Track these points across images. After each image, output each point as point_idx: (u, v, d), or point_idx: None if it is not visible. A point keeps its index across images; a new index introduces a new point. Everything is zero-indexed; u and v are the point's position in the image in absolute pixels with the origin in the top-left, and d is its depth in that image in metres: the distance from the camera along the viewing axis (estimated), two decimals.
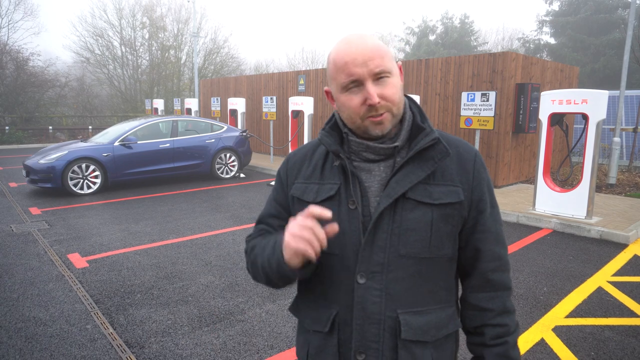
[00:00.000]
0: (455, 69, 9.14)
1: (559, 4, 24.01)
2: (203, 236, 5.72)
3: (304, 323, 1.16)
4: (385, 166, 1.06)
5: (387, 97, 0.99)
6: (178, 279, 4.31)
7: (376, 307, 1.03)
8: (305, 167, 1.15)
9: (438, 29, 30.59)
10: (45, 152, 8.45)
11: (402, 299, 1.03)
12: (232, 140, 10.24)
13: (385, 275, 1.02)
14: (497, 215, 1.13)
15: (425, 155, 1.04)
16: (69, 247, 5.22)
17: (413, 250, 1.03)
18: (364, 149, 1.06)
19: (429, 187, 1.04)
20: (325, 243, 0.95)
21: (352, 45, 0.99)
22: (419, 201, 1.03)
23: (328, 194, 1.07)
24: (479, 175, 1.09)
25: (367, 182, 1.06)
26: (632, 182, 9.07)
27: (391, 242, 1.02)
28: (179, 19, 27.42)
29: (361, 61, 0.97)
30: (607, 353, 3.07)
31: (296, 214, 1.11)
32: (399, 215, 1.02)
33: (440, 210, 1.03)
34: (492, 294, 1.10)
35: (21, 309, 3.64)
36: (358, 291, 1.03)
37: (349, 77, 0.99)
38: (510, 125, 8.59)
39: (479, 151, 8.29)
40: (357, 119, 1.01)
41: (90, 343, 3.13)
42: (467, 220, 1.08)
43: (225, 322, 3.47)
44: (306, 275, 1.06)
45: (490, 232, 1.10)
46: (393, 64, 1.02)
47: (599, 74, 20.66)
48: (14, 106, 19.70)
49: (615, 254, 5.19)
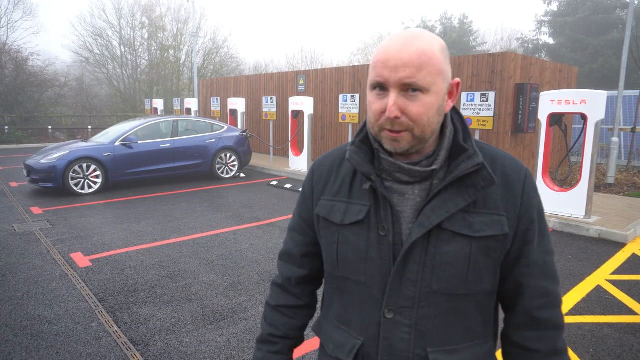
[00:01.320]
0: (455, 69, 9.18)
1: (557, 4, 24.08)
2: (204, 235, 5.75)
3: (326, 347, 1.07)
4: (421, 189, 0.94)
5: (411, 115, 0.86)
6: (181, 278, 4.34)
7: (405, 344, 0.93)
8: (332, 182, 1.04)
9: (437, 29, 30.65)
10: (46, 152, 8.48)
11: (433, 337, 0.93)
12: (232, 140, 10.27)
13: (416, 312, 0.93)
14: (548, 244, 0.99)
15: (467, 182, 0.91)
16: (71, 247, 5.25)
17: (448, 286, 0.92)
18: (396, 169, 0.94)
19: (469, 216, 0.91)
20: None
21: (394, 44, 0.86)
22: (456, 232, 0.91)
23: (357, 217, 0.97)
24: (529, 200, 0.95)
25: (400, 206, 0.94)
26: (631, 182, 9.13)
27: (423, 276, 0.92)
28: (178, 18, 27.45)
29: (393, 65, 0.84)
30: (605, 350, 3.11)
31: (322, 233, 1.05)
32: (433, 247, 0.91)
33: (480, 243, 0.91)
34: (540, 332, 0.97)
35: (26, 307, 3.67)
36: (385, 326, 0.94)
37: (376, 77, 0.88)
38: (509, 126, 8.64)
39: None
40: (376, 126, 0.91)
41: (95, 341, 3.17)
42: (510, 251, 0.96)
43: (229, 320, 3.50)
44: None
45: (537, 265, 0.96)
46: (436, 80, 0.86)
47: (597, 74, 20.73)
48: (14, 106, 19.71)
49: (614, 252, 5.24)
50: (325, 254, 1.05)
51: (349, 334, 1.01)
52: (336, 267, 1.01)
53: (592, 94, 6.03)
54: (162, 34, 27.27)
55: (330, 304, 1.09)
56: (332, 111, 11.96)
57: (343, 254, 0.99)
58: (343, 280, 1.01)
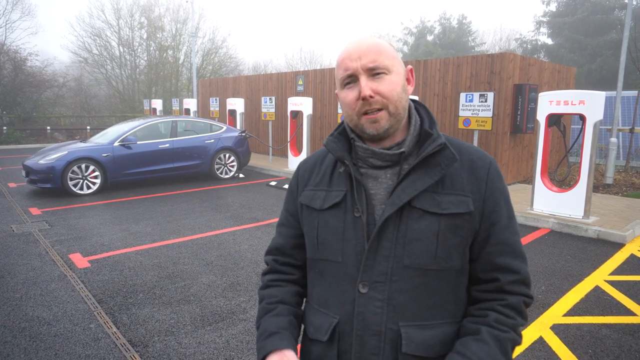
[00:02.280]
0: (454, 69, 9.19)
1: (556, 4, 24.12)
2: (203, 236, 5.75)
3: (307, 331, 1.14)
4: (392, 173, 1.04)
5: (382, 92, 0.98)
6: (180, 279, 4.34)
7: (377, 318, 1.00)
8: (314, 175, 1.15)
9: (436, 29, 30.67)
10: (45, 153, 8.47)
11: (405, 311, 0.99)
12: (231, 140, 10.27)
13: (389, 286, 0.99)
14: (514, 227, 1.06)
15: (432, 162, 1.01)
16: (70, 247, 5.24)
17: (418, 260, 0.99)
18: (370, 155, 1.04)
19: (437, 196, 1.00)
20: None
21: (351, 43, 1.02)
22: (425, 210, 0.99)
23: (334, 200, 1.06)
24: (493, 184, 1.04)
25: (373, 189, 1.04)
26: (629, 182, 9.14)
27: (395, 251, 0.99)
28: (177, 19, 27.42)
29: (356, 56, 0.98)
30: (604, 351, 3.12)
31: (305, 221, 1.13)
32: (405, 224, 1.00)
33: (448, 221, 0.99)
34: (508, 298, 1.02)
35: (24, 308, 3.66)
36: (359, 301, 1.01)
37: (345, 72, 1.00)
38: (508, 126, 8.65)
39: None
40: (354, 115, 1.01)
41: (94, 342, 3.16)
42: (478, 232, 1.03)
43: (228, 321, 3.50)
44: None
45: (507, 245, 1.03)
46: (394, 62, 1.00)
47: (595, 74, 20.76)
48: (12, 106, 19.68)
49: (612, 253, 5.24)
50: (308, 239, 1.13)
51: (326, 315, 1.07)
52: (316, 250, 1.09)
53: (590, 94, 6.04)
54: (160, 34, 27.26)
55: (311, 291, 1.15)
56: (331, 111, 11.96)
57: (323, 237, 1.07)
58: (322, 262, 1.09)
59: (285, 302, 1.16)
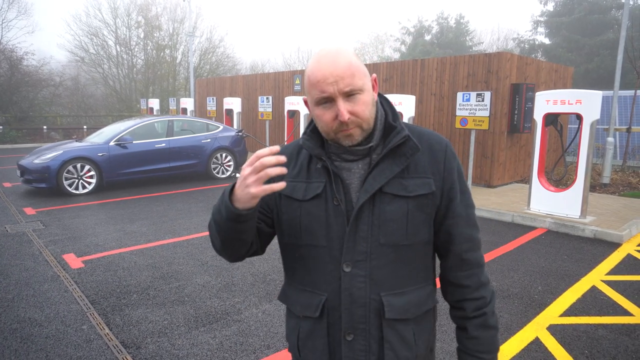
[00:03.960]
0: (451, 69, 9.17)
1: (553, 4, 24.14)
2: (199, 236, 5.71)
3: (293, 309, 1.25)
4: (363, 164, 1.15)
5: (357, 113, 1.07)
6: (174, 279, 4.31)
7: (362, 291, 1.13)
8: (291, 167, 1.23)
9: (433, 29, 30.66)
10: (40, 152, 8.41)
11: (384, 283, 1.14)
12: (228, 140, 10.23)
13: (369, 263, 1.13)
14: (468, 199, 1.21)
15: (398, 152, 1.13)
16: (64, 248, 5.20)
17: (392, 238, 1.13)
18: (342, 151, 1.15)
19: (404, 180, 1.13)
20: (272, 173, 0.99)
21: (323, 64, 1.05)
22: (395, 194, 1.12)
23: (316, 192, 1.16)
24: (450, 164, 1.18)
25: (348, 179, 1.15)
26: (626, 182, 9.14)
27: (372, 232, 1.12)
28: (174, 18, 27.36)
29: (332, 80, 1.04)
30: (600, 351, 3.10)
31: (285, 210, 1.21)
32: (378, 208, 1.12)
33: (415, 201, 1.13)
34: (468, 272, 1.20)
35: (16, 309, 3.63)
36: (345, 278, 1.13)
37: (321, 94, 1.06)
38: (505, 125, 8.64)
39: (475, 152, 8.23)
40: (331, 132, 1.10)
41: (86, 344, 3.13)
42: (439, 207, 1.18)
43: (222, 322, 3.47)
44: (251, 214, 1.07)
45: (461, 217, 1.19)
46: (365, 80, 1.08)
47: (592, 74, 20.79)
48: (8, 105, 19.58)
49: (609, 253, 5.23)
50: (288, 226, 1.21)
51: (313, 293, 1.19)
52: (300, 236, 1.19)
53: (587, 94, 6.03)
54: (158, 33, 27.18)
55: (293, 273, 1.25)
56: None
57: (306, 224, 1.17)
58: (306, 247, 1.18)
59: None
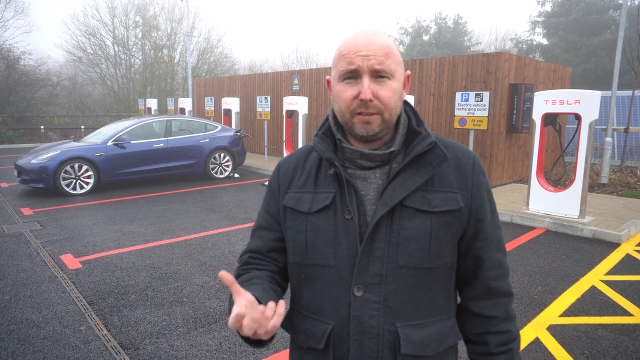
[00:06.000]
0: (450, 69, 9.17)
1: (551, 4, 24.20)
2: (197, 236, 5.69)
3: (297, 339, 1.10)
4: (382, 173, 1.02)
5: (382, 98, 0.95)
6: (173, 280, 4.29)
7: (374, 320, 0.98)
8: (298, 176, 1.10)
9: (432, 29, 30.71)
10: (37, 152, 8.37)
11: (401, 311, 0.98)
12: (226, 140, 10.20)
13: (384, 287, 0.98)
14: (497, 221, 1.09)
15: (422, 161, 1.00)
16: (61, 248, 5.17)
17: (412, 260, 0.98)
18: (358, 156, 1.01)
19: (427, 194, 1.00)
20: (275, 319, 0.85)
21: (361, 37, 0.96)
22: (417, 209, 0.98)
23: (323, 203, 1.02)
24: (478, 180, 1.05)
25: (363, 190, 1.02)
26: (624, 182, 9.16)
27: (389, 252, 0.98)
28: (172, 18, 27.30)
29: (365, 53, 0.93)
30: (600, 351, 3.09)
31: (289, 224, 1.07)
32: (397, 224, 0.98)
33: (439, 218, 0.99)
34: (495, 301, 1.07)
35: (13, 310, 3.60)
36: (355, 304, 0.98)
37: (348, 66, 0.95)
38: (503, 125, 8.64)
39: (474, 151, 8.28)
40: (347, 113, 0.97)
41: (84, 345, 3.11)
42: (467, 228, 1.04)
43: (221, 322, 3.45)
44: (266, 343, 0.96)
45: (492, 240, 1.06)
46: (398, 68, 0.98)
47: (590, 74, 20.84)
48: (5, 105, 19.50)
49: (608, 253, 5.23)
50: (293, 243, 1.07)
51: (318, 321, 1.03)
52: (305, 254, 1.04)
53: (585, 94, 6.03)
54: (156, 33, 27.12)
55: (298, 297, 1.10)
56: (327, 111, 11.91)
57: (312, 241, 1.03)
58: (312, 267, 1.04)
59: (259, 277, 1.07)
